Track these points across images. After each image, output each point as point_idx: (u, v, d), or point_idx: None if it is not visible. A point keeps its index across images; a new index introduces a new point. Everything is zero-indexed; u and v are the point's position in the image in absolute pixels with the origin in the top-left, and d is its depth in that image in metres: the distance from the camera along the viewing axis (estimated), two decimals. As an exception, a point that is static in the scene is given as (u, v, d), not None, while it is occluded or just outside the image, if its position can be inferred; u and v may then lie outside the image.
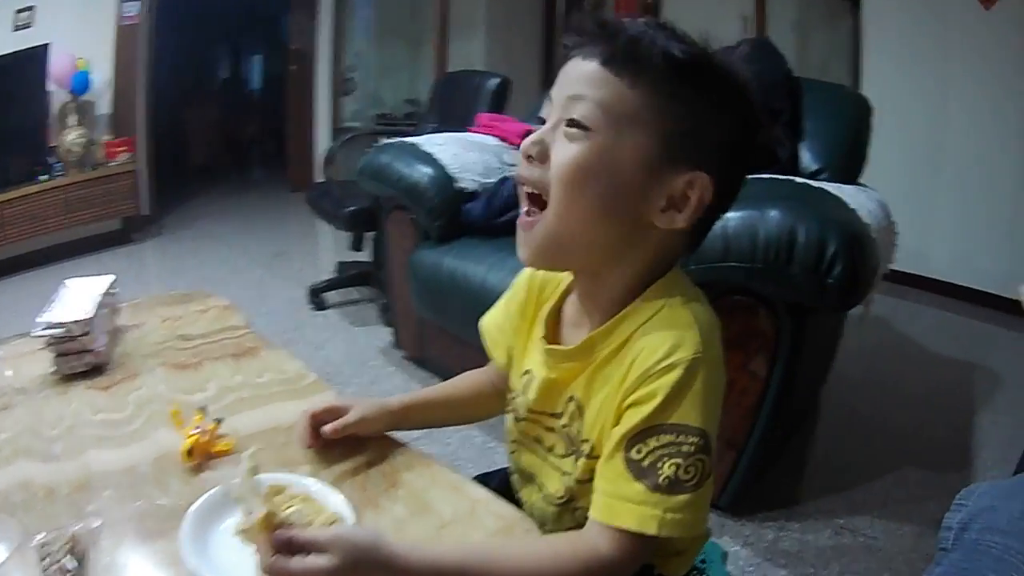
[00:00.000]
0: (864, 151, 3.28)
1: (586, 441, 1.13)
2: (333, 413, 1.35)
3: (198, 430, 1.31)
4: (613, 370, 1.09)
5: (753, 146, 1.10)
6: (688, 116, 1.02)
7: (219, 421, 1.37)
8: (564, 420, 1.18)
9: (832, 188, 2.60)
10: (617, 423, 1.05)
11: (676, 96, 1.01)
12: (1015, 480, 1.05)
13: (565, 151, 1.03)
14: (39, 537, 1.03)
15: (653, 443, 1.00)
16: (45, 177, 5.91)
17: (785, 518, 2.76)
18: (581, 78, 1.04)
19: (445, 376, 1.43)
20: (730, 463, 2.56)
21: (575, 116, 1.02)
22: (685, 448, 0.99)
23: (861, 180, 3.21)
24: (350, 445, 1.35)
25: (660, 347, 1.02)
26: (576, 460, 1.16)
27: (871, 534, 2.69)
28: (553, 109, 1.07)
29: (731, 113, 1.05)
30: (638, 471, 1.00)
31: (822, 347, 3.31)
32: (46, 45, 5.84)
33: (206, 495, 1.14)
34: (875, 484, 3.02)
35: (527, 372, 1.26)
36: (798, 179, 2.69)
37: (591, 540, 1.03)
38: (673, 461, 0.99)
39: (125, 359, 1.76)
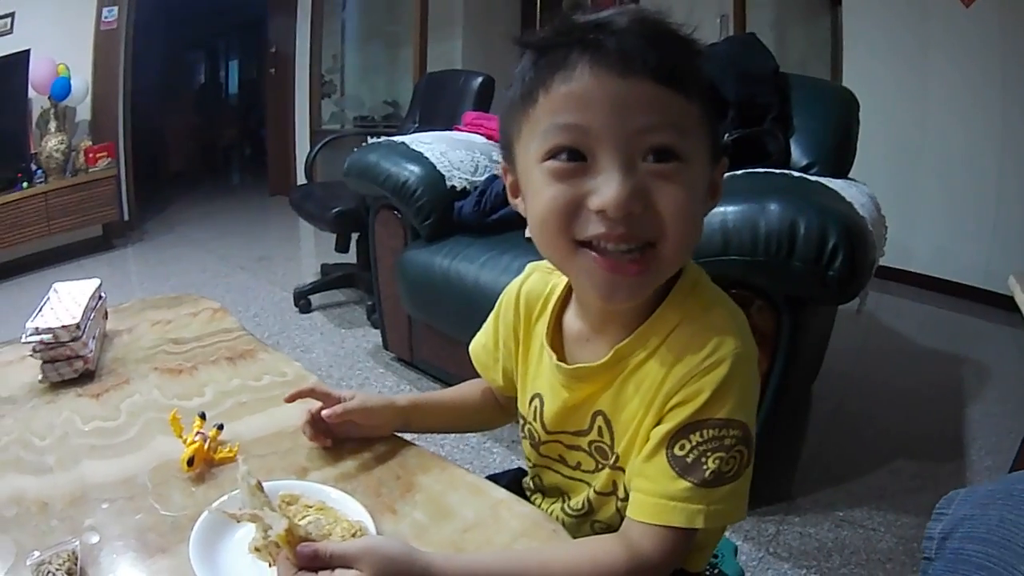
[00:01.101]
0: (853, 146, 3.27)
1: (616, 453, 1.11)
2: (333, 401, 1.32)
3: (199, 436, 1.27)
4: (645, 376, 1.05)
5: None
6: (715, 108, 0.99)
7: (220, 427, 1.33)
8: (592, 436, 1.14)
9: (824, 182, 2.58)
10: (658, 423, 1.02)
11: (710, 93, 0.97)
12: (992, 488, 1.05)
13: (674, 196, 0.93)
14: (35, 556, 1.00)
15: (696, 438, 0.98)
16: (26, 184, 5.87)
17: (784, 512, 2.76)
18: (641, 102, 0.91)
19: (436, 377, 1.41)
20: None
21: (663, 148, 0.93)
22: (728, 441, 0.98)
23: (849, 175, 3.19)
24: (359, 448, 1.32)
25: (702, 347, 1.00)
26: (601, 472, 1.14)
27: (871, 526, 2.68)
28: (604, 141, 0.92)
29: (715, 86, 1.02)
30: (683, 467, 0.98)
31: (816, 341, 3.30)
32: (27, 51, 5.80)
33: (214, 505, 1.09)
34: (871, 477, 3.02)
35: (535, 396, 1.22)
36: (794, 173, 2.67)
37: (632, 542, 1.01)
38: (717, 455, 0.97)
39: (116, 365, 1.72)
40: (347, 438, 1.33)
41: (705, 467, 0.97)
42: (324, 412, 1.29)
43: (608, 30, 0.92)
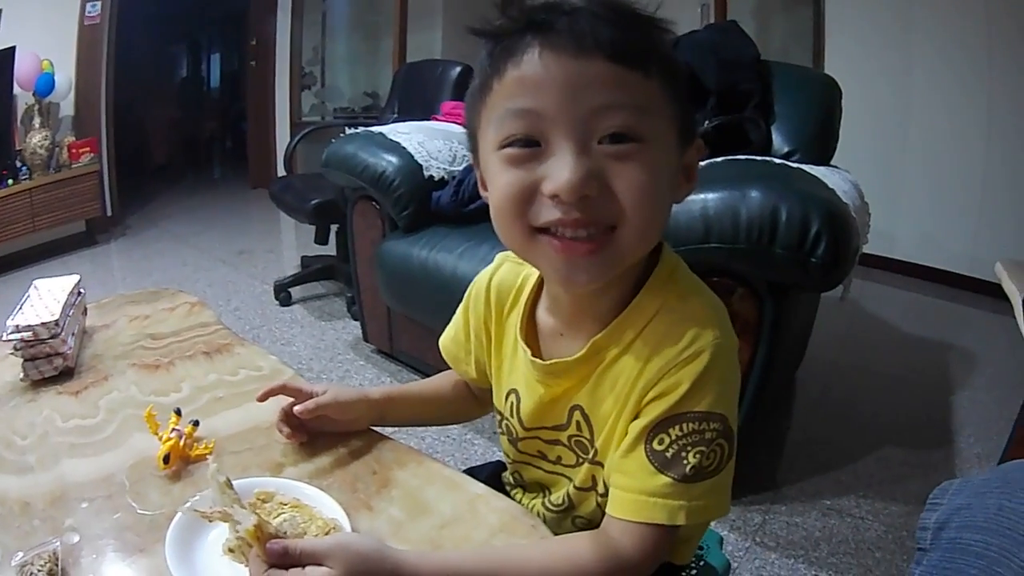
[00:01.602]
0: (835, 132, 3.27)
1: (595, 447, 1.10)
2: (305, 396, 1.31)
3: (175, 433, 1.27)
4: (622, 370, 1.04)
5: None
6: (683, 86, 0.97)
7: (196, 424, 1.33)
8: (571, 430, 1.13)
9: (806, 169, 2.57)
10: (636, 417, 1.01)
11: (675, 70, 0.95)
12: (988, 476, 1.05)
13: (627, 174, 0.90)
14: (18, 557, 1.00)
15: (676, 432, 0.97)
16: (11, 181, 5.83)
17: (771, 501, 2.76)
18: (597, 83, 0.89)
19: (416, 368, 1.40)
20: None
21: (619, 130, 0.90)
22: (708, 435, 0.96)
23: (832, 163, 3.19)
24: (334, 443, 1.31)
25: (680, 338, 0.98)
26: (581, 467, 1.14)
27: (859, 514, 2.68)
28: (571, 124, 0.90)
29: (682, 63, 1.00)
30: (662, 462, 0.97)
31: (799, 328, 3.30)
32: (12, 48, 5.77)
33: (186, 505, 1.08)
34: (858, 465, 3.02)
35: (511, 392, 1.21)
36: (775, 160, 2.67)
37: (611, 540, 0.99)
38: (697, 449, 0.96)
39: (95, 361, 1.72)
40: (322, 432, 1.32)
41: (685, 462, 0.96)
42: (296, 408, 1.28)
43: (559, 11, 0.91)
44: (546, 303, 1.16)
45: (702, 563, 1.37)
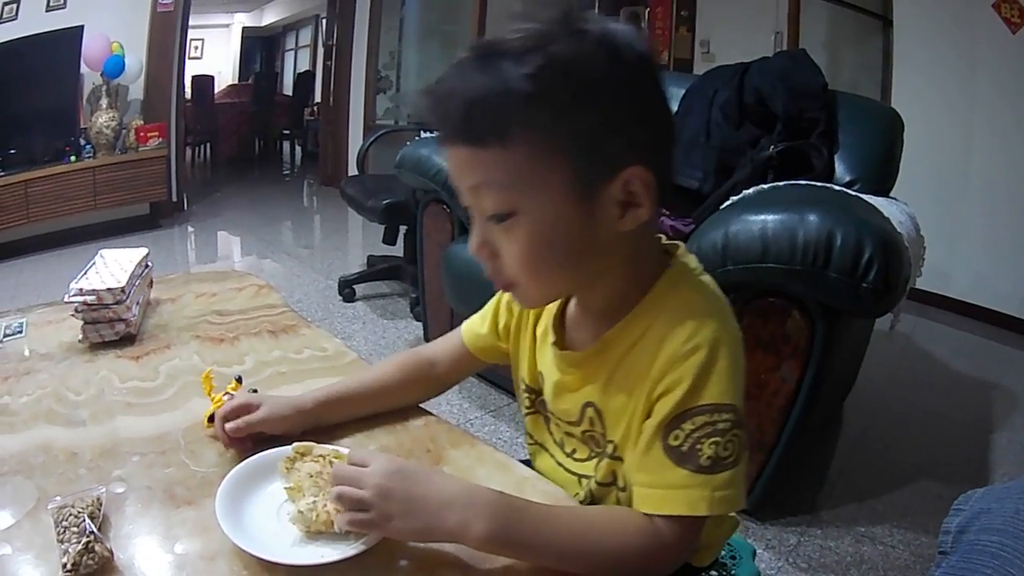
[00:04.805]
0: (896, 165, 3.26)
1: (611, 442, 1.12)
2: (244, 410, 1.26)
3: (227, 397, 1.30)
4: (632, 366, 1.07)
5: (657, 85, 1.02)
6: (579, 130, 0.95)
7: (254, 391, 1.35)
8: (584, 426, 1.17)
9: (866, 198, 2.60)
10: (648, 416, 1.03)
11: (553, 124, 0.95)
12: (1009, 484, 1.07)
13: (509, 245, 1.01)
14: (56, 500, 1.01)
15: (688, 427, 0.99)
16: (74, 158, 5.95)
17: (807, 524, 2.77)
18: (464, 167, 1.00)
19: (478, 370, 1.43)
20: (758, 465, 2.56)
21: (491, 212, 0.99)
22: (721, 425, 0.98)
23: (891, 194, 3.19)
24: (391, 421, 1.35)
25: (681, 333, 1.01)
26: (599, 462, 1.16)
27: (890, 543, 2.69)
28: (466, 199, 1.03)
29: (614, 89, 0.96)
30: (678, 457, 0.99)
31: (849, 356, 3.31)
32: (80, 27, 5.87)
33: (243, 463, 1.12)
34: (895, 495, 3.02)
35: (540, 374, 1.26)
36: (835, 187, 2.69)
37: (654, 519, 1.01)
38: (712, 440, 0.98)
39: (158, 331, 1.75)
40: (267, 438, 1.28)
41: (700, 453, 0.98)
42: (228, 426, 1.24)
43: (436, 97, 1.01)
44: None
45: (734, 572, 1.39)
